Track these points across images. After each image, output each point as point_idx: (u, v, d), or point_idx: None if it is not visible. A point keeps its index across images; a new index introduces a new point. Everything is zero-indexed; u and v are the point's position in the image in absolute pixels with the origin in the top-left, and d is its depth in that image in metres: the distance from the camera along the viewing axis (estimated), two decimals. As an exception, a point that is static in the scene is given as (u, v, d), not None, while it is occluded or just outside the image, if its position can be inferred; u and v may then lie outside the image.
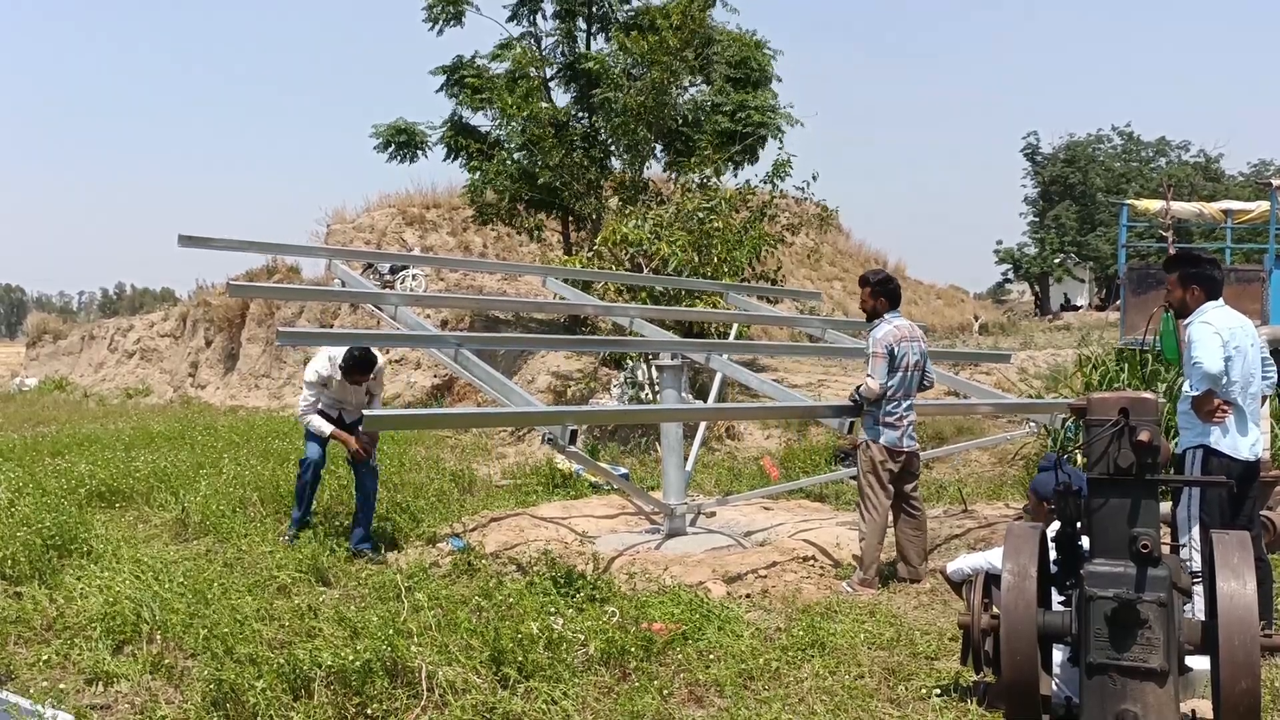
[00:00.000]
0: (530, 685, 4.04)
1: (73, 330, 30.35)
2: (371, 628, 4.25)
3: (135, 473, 8.97)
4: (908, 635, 4.89)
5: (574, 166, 15.84)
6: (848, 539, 6.73)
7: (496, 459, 11.79)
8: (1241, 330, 4.88)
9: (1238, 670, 3.08)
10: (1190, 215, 14.10)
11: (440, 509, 8.16)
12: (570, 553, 6.60)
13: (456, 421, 10.65)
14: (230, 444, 11.20)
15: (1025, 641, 3.34)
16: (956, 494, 8.58)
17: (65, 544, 6.33)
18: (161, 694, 4.22)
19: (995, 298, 56.04)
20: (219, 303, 23.52)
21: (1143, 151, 48.07)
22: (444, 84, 17.81)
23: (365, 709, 3.86)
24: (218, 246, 8.06)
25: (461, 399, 15.29)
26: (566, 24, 17.66)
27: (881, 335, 6.03)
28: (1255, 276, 11.86)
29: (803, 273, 26.73)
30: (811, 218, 15.88)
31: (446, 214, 24.26)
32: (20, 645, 4.84)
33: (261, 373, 21.44)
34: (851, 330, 9.15)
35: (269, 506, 7.78)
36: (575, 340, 12.43)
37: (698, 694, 4.15)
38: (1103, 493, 3.40)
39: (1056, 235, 44.84)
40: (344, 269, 8.16)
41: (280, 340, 6.01)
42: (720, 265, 13.40)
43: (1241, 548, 3.30)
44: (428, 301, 13.72)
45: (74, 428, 14.49)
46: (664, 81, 14.94)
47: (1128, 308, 12.27)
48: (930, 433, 10.59)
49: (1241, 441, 4.78)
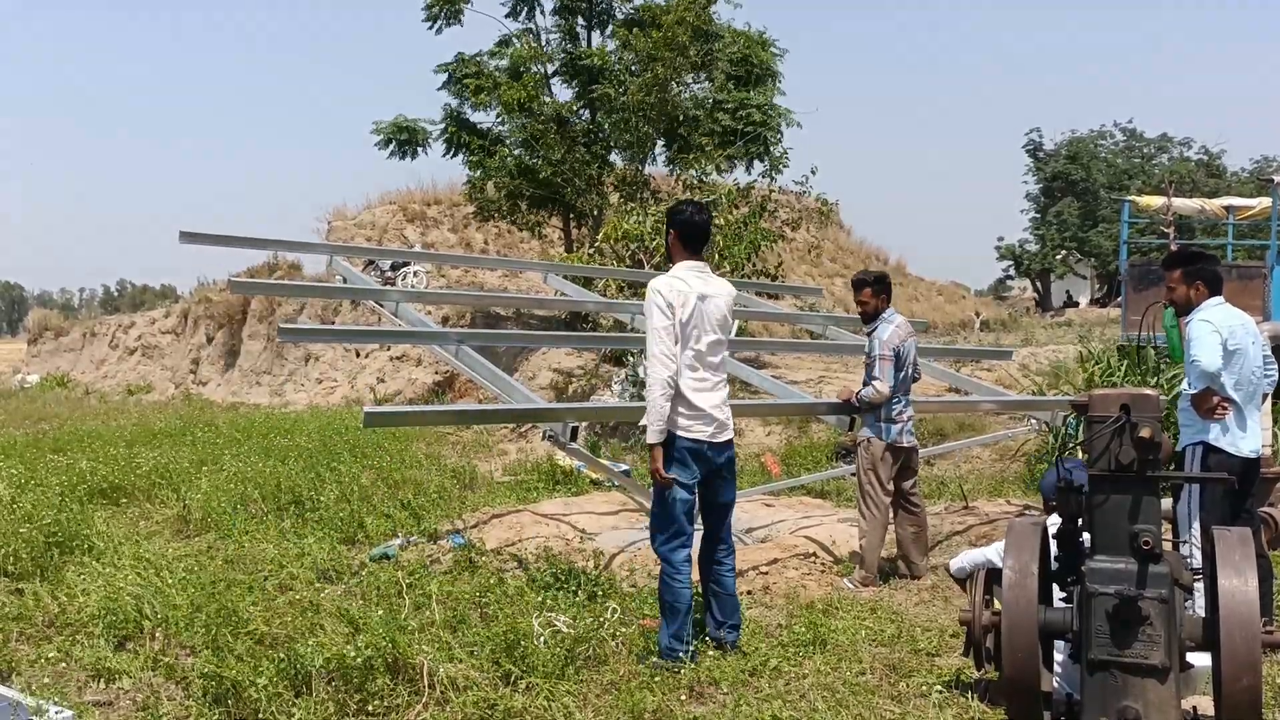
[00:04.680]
0: (531, 681, 4.05)
1: (74, 327, 30.33)
2: (373, 624, 4.25)
3: (137, 469, 8.97)
4: (909, 632, 4.89)
5: (575, 163, 15.83)
6: (848, 535, 6.73)
7: (498, 455, 11.79)
8: (1242, 328, 4.88)
9: (1239, 667, 3.08)
10: (1192, 212, 14.11)
11: (441, 505, 8.16)
12: (571, 549, 6.60)
13: (457, 418, 10.65)
14: (231, 441, 11.20)
15: (1026, 638, 3.34)
16: (958, 490, 8.58)
17: (67, 541, 6.32)
18: (163, 690, 4.22)
19: (997, 294, 55.99)
20: (220, 299, 23.52)
21: (1145, 148, 47.98)
22: (446, 82, 17.81)
23: (366, 705, 3.86)
24: (218, 243, 8.07)
25: (463, 396, 15.29)
26: (567, 20, 17.65)
27: (887, 337, 5.98)
28: (1257, 273, 11.85)
29: (803, 269, 26.72)
30: (811, 213, 15.88)
31: (447, 210, 24.25)
32: (22, 642, 4.84)
33: (263, 369, 21.44)
34: (852, 327, 9.14)
35: (270, 503, 7.78)
36: (577, 337, 12.43)
37: (699, 690, 4.15)
38: (1104, 489, 3.40)
39: (1058, 232, 44.77)
40: (345, 266, 8.16)
41: (282, 337, 6.03)
42: (721, 262, 13.39)
43: (1243, 544, 3.30)
44: (429, 298, 13.76)
45: (75, 425, 14.49)
46: (666, 78, 14.93)
47: (1129, 304, 12.27)
48: (932, 429, 10.58)
49: (1241, 439, 4.78)
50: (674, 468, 4.49)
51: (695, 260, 4.65)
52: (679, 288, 4.50)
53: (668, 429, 4.47)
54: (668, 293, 4.46)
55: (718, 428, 4.58)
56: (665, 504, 4.53)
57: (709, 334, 4.56)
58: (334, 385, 19.02)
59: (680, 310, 4.46)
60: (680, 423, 4.50)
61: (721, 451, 4.62)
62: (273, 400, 19.48)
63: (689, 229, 4.67)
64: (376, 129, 18.11)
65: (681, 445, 4.50)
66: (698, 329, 4.52)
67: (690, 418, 4.51)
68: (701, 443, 4.53)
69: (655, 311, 4.45)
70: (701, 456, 4.54)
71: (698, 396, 4.52)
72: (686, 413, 4.50)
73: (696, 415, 4.52)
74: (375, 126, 18.12)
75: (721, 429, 4.60)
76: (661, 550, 4.53)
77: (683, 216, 4.70)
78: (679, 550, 4.52)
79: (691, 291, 4.51)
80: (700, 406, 4.52)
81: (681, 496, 4.50)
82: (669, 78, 14.95)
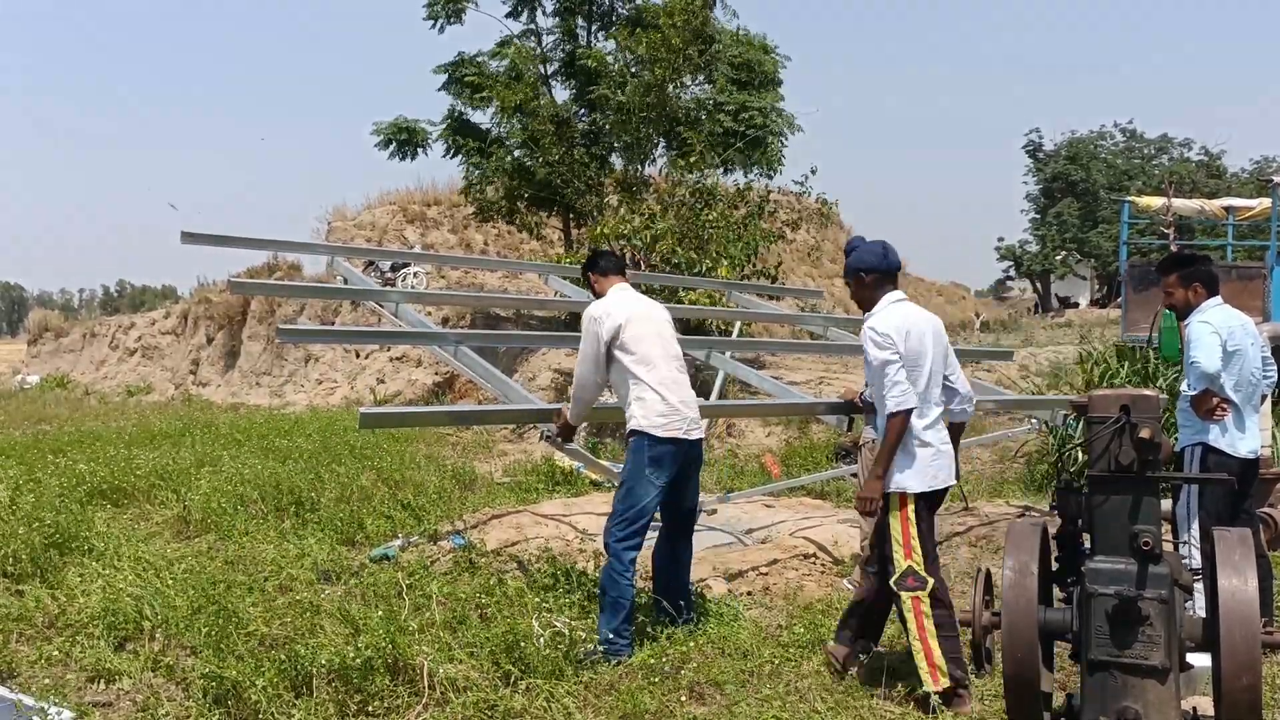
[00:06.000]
0: (531, 682, 4.05)
1: (74, 328, 30.32)
2: (373, 624, 4.25)
3: (136, 470, 8.96)
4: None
5: (574, 164, 15.83)
6: (849, 536, 6.73)
7: (498, 456, 11.79)
8: (1242, 329, 4.88)
9: (1239, 667, 3.08)
10: (1192, 212, 14.10)
11: (441, 506, 8.16)
12: (571, 550, 6.60)
13: (455, 419, 10.63)
14: (231, 442, 11.20)
15: (1026, 638, 3.33)
16: (958, 491, 8.57)
17: (66, 542, 6.32)
18: (163, 691, 4.22)
19: (996, 295, 55.98)
20: (220, 300, 23.51)
21: (1145, 148, 47.98)
22: (445, 82, 17.81)
23: (366, 706, 3.86)
24: (219, 243, 8.07)
25: (463, 396, 15.28)
26: (567, 21, 17.65)
27: None
28: (1257, 273, 11.85)
29: (803, 270, 26.71)
30: (812, 213, 15.87)
31: (447, 211, 24.24)
32: (22, 643, 4.84)
33: (263, 370, 21.43)
34: (853, 328, 9.14)
35: (270, 504, 7.78)
36: (576, 338, 12.37)
37: (699, 691, 4.15)
38: (1104, 490, 3.40)
39: (1058, 232, 44.77)
40: (345, 266, 8.15)
41: (280, 337, 6.04)
42: (719, 260, 13.39)
43: (1243, 544, 3.30)
44: (429, 299, 13.74)
45: (75, 425, 14.50)
46: (665, 79, 14.92)
47: (1129, 305, 12.26)
48: (931, 430, 10.57)
49: (1239, 440, 4.78)
50: (649, 468, 4.56)
51: (619, 280, 5.04)
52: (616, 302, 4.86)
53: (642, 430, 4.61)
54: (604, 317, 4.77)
55: (690, 424, 4.70)
56: (634, 502, 4.60)
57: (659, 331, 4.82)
58: (334, 386, 19.02)
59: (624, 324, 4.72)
60: (655, 420, 4.59)
61: (694, 449, 4.77)
62: (273, 401, 19.46)
63: (602, 260, 5.15)
64: (376, 129, 18.12)
65: (660, 444, 4.59)
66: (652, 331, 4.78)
67: (664, 414, 4.62)
68: (679, 440, 4.63)
69: (588, 339, 4.79)
70: (675, 455, 4.64)
71: (669, 392, 4.67)
72: (660, 409, 4.63)
73: (669, 411, 4.64)
74: (375, 127, 18.13)
75: (694, 425, 4.74)
76: (616, 546, 4.59)
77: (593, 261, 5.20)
78: (631, 551, 4.62)
79: (627, 306, 4.82)
80: (671, 402, 4.65)
81: (652, 496, 4.60)
82: (667, 79, 14.95)
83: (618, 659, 4.38)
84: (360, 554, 6.56)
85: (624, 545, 4.59)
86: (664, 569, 4.87)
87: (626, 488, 4.62)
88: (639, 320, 4.77)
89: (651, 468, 4.58)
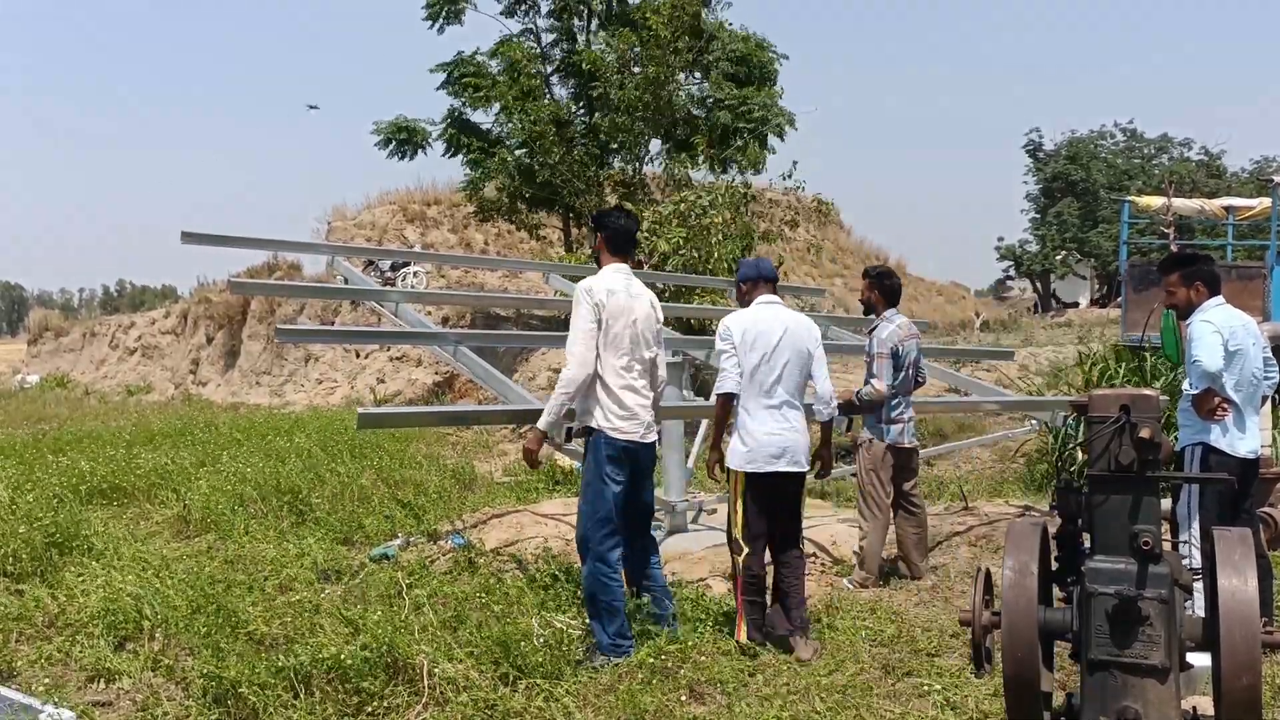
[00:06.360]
0: (531, 682, 4.04)
1: (74, 327, 30.35)
2: (372, 624, 4.25)
3: (136, 470, 8.96)
4: (908, 632, 4.89)
5: (574, 164, 15.83)
6: (849, 536, 6.73)
7: (498, 456, 11.79)
8: (1243, 329, 4.88)
9: (1239, 666, 3.08)
10: (1192, 212, 14.08)
11: (441, 506, 8.16)
12: (571, 550, 6.59)
13: (453, 419, 10.64)
14: (231, 441, 11.20)
15: (1026, 638, 3.33)
16: (957, 491, 8.58)
17: (66, 541, 6.32)
18: (163, 690, 4.22)
19: (996, 295, 55.97)
20: (220, 300, 23.52)
21: (1145, 148, 47.98)
22: (445, 81, 17.81)
23: (365, 706, 3.86)
24: (219, 243, 8.08)
25: (463, 396, 15.29)
26: (564, 21, 17.65)
27: (886, 336, 6.02)
28: (1257, 273, 11.84)
29: (804, 269, 26.72)
30: (809, 211, 15.86)
31: (447, 211, 24.24)
32: (22, 642, 4.84)
33: (262, 370, 21.44)
34: (853, 328, 9.14)
35: (269, 503, 7.78)
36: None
37: (699, 690, 4.15)
38: (1104, 489, 3.40)
39: (1058, 232, 44.76)
40: (345, 266, 8.16)
41: (280, 337, 6.04)
42: (719, 260, 13.39)
43: (1243, 544, 3.30)
44: (429, 298, 13.76)
45: (75, 425, 14.49)
46: (660, 77, 14.91)
47: (1129, 305, 12.26)
48: (931, 430, 10.58)
49: (1239, 439, 4.78)
50: (609, 466, 4.57)
51: (622, 263, 4.83)
52: (609, 286, 4.63)
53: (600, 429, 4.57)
54: (598, 293, 4.58)
55: (646, 428, 4.69)
56: (600, 502, 4.59)
57: (637, 333, 4.69)
58: (334, 386, 19.02)
59: (607, 311, 4.57)
60: (614, 422, 4.58)
61: (648, 451, 4.77)
62: (272, 401, 19.46)
63: (618, 234, 4.85)
64: (377, 129, 18.12)
65: (616, 445, 4.59)
66: (629, 330, 4.64)
67: (622, 417, 4.60)
68: (634, 443, 4.63)
69: (583, 312, 4.56)
70: (631, 456, 4.64)
71: (628, 396, 4.61)
72: (619, 412, 4.59)
73: (627, 415, 4.61)
74: (375, 126, 18.13)
75: (650, 429, 4.73)
76: (600, 549, 4.57)
77: (612, 221, 4.88)
78: (615, 549, 4.61)
79: (621, 292, 4.65)
80: (630, 406, 4.61)
81: (614, 494, 4.58)
82: (663, 77, 14.93)
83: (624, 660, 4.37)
84: (360, 554, 6.56)
85: (606, 545, 4.58)
86: (630, 560, 4.81)
87: (593, 489, 4.62)
88: (618, 315, 4.62)
89: (611, 466, 4.59)
